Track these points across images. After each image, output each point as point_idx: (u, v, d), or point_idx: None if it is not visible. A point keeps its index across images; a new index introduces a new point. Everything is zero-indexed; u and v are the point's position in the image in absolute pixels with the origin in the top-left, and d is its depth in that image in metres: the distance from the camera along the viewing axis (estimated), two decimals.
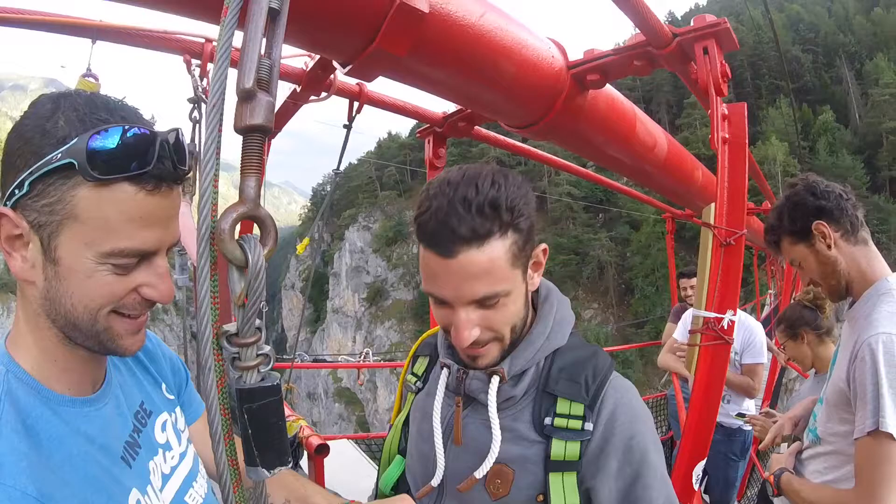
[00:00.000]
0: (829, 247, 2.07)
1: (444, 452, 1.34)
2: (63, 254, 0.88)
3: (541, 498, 1.22)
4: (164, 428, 1.21)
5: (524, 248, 1.19)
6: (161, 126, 0.96)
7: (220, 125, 0.65)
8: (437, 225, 1.12)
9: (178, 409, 1.30)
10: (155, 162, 0.87)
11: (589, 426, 1.22)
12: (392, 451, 1.53)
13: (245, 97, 0.65)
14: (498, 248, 1.13)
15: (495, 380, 1.27)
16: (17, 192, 0.87)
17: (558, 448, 1.22)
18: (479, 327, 1.20)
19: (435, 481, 1.32)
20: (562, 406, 1.25)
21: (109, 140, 0.85)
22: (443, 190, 1.14)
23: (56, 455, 0.90)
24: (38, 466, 0.85)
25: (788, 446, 2.50)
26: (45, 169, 0.85)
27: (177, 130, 0.92)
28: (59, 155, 0.84)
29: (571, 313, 1.42)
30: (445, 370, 1.39)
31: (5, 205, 0.89)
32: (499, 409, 1.27)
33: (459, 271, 1.13)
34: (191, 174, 2.32)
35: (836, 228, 2.08)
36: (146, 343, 1.21)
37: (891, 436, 1.79)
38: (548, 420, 1.25)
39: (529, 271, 1.26)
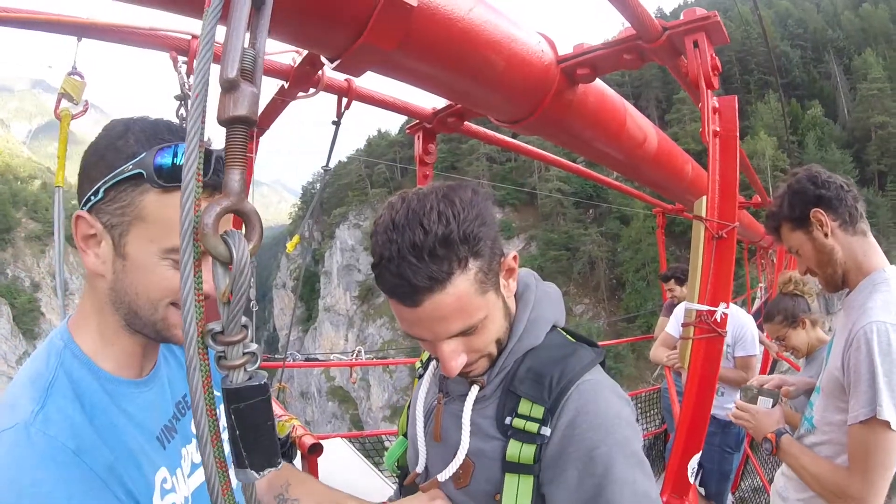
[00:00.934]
0: (825, 235, 2.10)
1: (425, 441, 1.39)
2: (131, 250, 1.03)
3: (498, 497, 1.20)
4: None
5: (490, 269, 1.16)
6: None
7: (203, 117, 0.64)
8: (394, 278, 1.08)
9: (221, 407, 1.34)
10: (211, 174, 0.99)
11: (546, 431, 1.17)
12: (401, 431, 1.59)
13: (228, 88, 0.63)
14: (463, 284, 1.10)
15: (474, 389, 1.28)
16: (92, 198, 1.02)
17: (513, 449, 1.19)
18: (464, 353, 1.19)
19: (419, 468, 1.39)
20: (523, 407, 1.21)
21: (171, 155, 1.00)
22: (390, 237, 1.09)
23: (97, 420, 1.01)
24: (80, 427, 0.97)
25: (773, 405, 2.48)
26: (119, 178, 1.00)
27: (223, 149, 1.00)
28: (131, 166, 1.00)
29: (554, 309, 1.36)
30: (434, 361, 1.45)
31: (81, 209, 1.04)
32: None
33: (429, 317, 1.11)
34: None
35: (833, 217, 2.10)
36: None
37: (887, 424, 1.81)
38: (508, 419, 1.22)
39: (502, 282, 1.23)
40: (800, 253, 2.20)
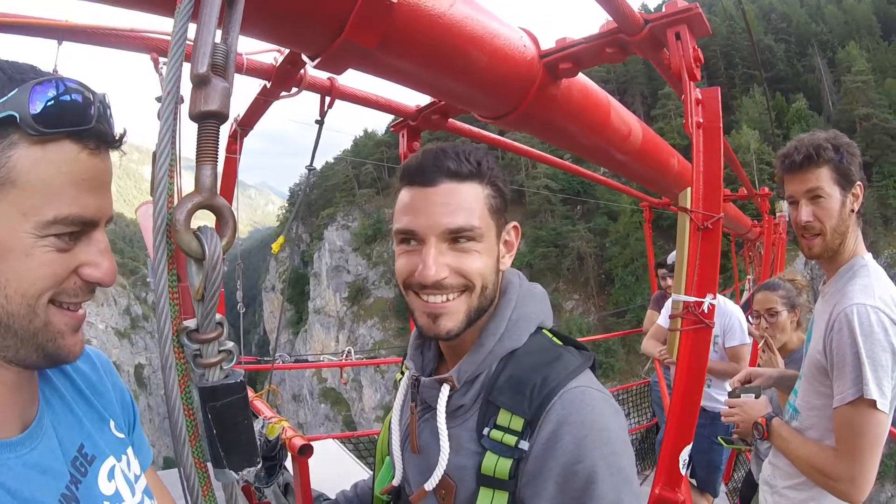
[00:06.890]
0: (852, 211, 2.07)
1: (401, 456, 1.34)
2: None
3: None
4: (111, 476, 1.00)
5: (499, 209, 1.23)
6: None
7: (176, 114, 0.63)
8: (424, 161, 1.19)
9: (129, 451, 1.10)
10: (95, 120, 0.77)
11: (524, 444, 1.10)
12: (383, 452, 1.50)
13: (199, 83, 0.62)
14: (477, 190, 1.19)
15: (445, 388, 1.22)
16: None
17: (489, 462, 1.12)
18: (449, 269, 1.16)
19: (395, 481, 1.35)
20: (502, 418, 1.14)
21: (51, 93, 0.74)
22: (431, 148, 1.22)
23: None
24: None
25: (756, 397, 2.48)
26: None
27: (104, 94, 0.81)
28: None
29: (538, 310, 1.31)
30: (407, 372, 1.38)
31: None
32: (451, 418, 1.22)
33: (439, 200, 1.16)
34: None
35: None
36: (90, 373, 1.08)
37: (873, 403, 1.83)
38: (486, 430, 1.15)
39: (501, 248, 1.26)
40: (821, 204, 2.07)
